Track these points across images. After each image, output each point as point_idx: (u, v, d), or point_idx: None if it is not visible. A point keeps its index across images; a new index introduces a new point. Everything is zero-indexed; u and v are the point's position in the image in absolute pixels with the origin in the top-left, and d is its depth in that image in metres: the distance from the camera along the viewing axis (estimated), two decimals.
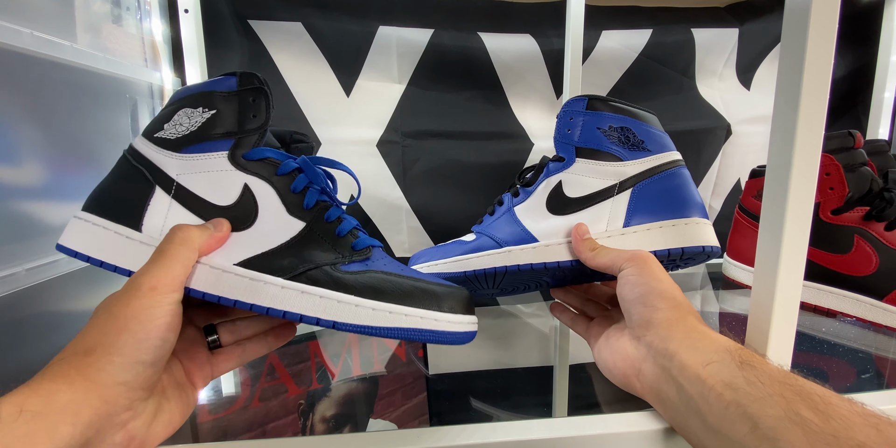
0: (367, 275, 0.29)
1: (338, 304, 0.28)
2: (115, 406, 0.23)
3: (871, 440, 0.20)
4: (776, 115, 0.29)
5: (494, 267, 0.40)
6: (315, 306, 0.28)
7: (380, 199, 0.77)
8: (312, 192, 0.32)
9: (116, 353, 0.23)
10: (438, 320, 0.28)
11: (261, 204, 0.31)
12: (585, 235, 0.38)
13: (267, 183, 0.31)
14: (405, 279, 0.30)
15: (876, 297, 0.49)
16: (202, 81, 0.34)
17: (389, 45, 0.74)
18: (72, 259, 0.31)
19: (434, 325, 0.28)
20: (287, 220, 0.31)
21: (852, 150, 0.51)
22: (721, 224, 0.86)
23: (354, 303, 0.28)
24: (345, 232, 0.31)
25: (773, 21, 0.82)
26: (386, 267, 0.31)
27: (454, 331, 0.28)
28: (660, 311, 0.30)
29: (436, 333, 0.28)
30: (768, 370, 0.25)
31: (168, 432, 0.27)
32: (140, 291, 0.25)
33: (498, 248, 0.40)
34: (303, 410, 0.38)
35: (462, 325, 0.29)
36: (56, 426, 0.21)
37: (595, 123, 0.40)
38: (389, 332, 0.27)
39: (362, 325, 0.27)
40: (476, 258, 0.41)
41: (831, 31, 0.27)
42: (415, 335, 0.27)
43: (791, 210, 0.28)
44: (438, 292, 0.29)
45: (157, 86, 0.67)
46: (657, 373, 0.29)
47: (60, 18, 0.50)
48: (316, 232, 0.31)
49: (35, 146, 0.45)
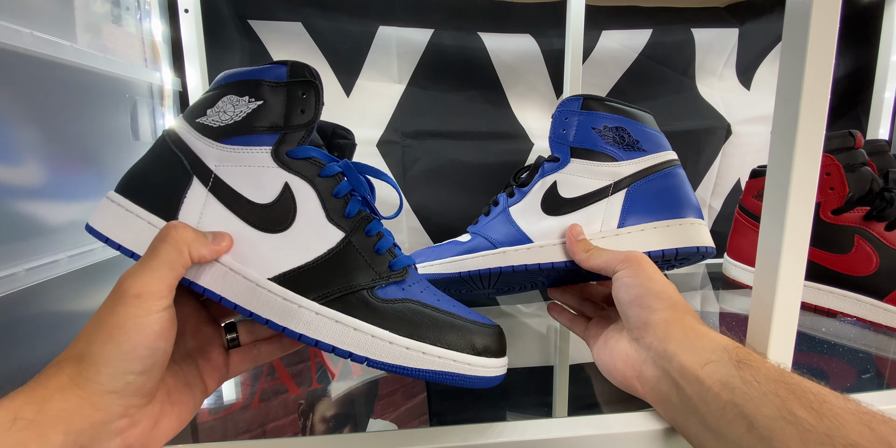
0: (402, 305, 0.29)
1: (371, 338, 0.27)
2: (108, 413, 0.23)
3: (863, 438, 0.21)
4: (777, 115, 0.29)
5: (489, 268, 0.40)
6: (348, 339, 0.27)
7: (380, 199, 0.76)
8: (355, 200, 0.30)
9: (103, 364, 0.23)
10: (472, 365, 0.28)
11: (300, 206, 0.29)
12: (580, 236, 0.37)
13: (309, 184, 0.30)
14: (441, 314, 0.29)
15: (876, 297, 0.49)
16: (250, 68, 0.31)
17: (389, 45, 0.74)
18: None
19: (466, 370, 0.27)
20: (326, 227, 0.29)
21: (853, 150, 0.51)
22: (721, 224, 0.86)
23: (389, 340, 0.27)
24: (384, 249, 0.30)
25: (773, 21, 0.82)
26: (422, 295, 0.30)
27: (484, 376, 0.28)
28: (656, 311, 0.30)
29: (466, 378, 0.27)
30: (764, 369, 0.25)
31: (170, 436, 0.26)
32: (125, 299, 0.24)
33: (493, 248, 0.40)
34: (303, 410, 0.38)
35: (493, 369, 0.29)
36: (48, 434, 0.21)
37: (590, 123, 0.40)
38: (421, 373, 0.27)
39: (395, 365, 0.27)
40: (471, 259, 0.41)
41: (832, 31, 0.27)
42: (446, 378, 0.27)
43: (791, 210, 0.28)
44: (473, 331, 0.29)
45: (157, 86, 0.67)
46: (658, 374, 0.29)
47: (60, 18, 0.50)
48: (354, 245, 0.29)
49: (35, 146, 0.45)
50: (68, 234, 0.48)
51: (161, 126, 0.67)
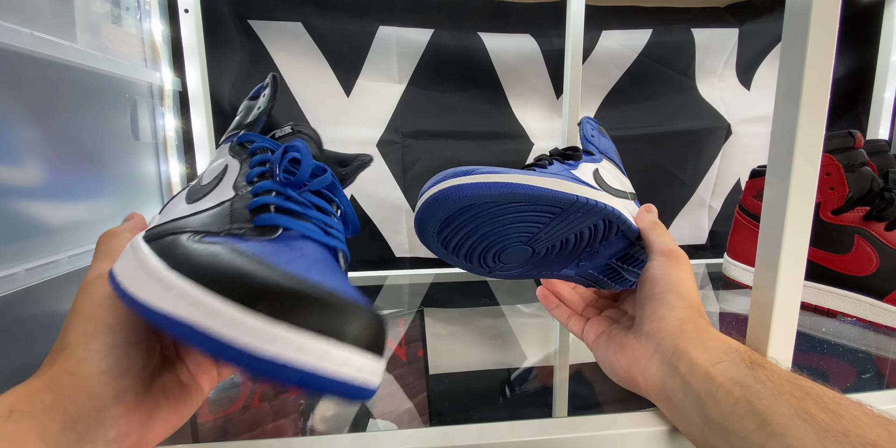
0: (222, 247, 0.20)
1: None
2: (103, 398, 0.23)
3: (882, 439, 0.20)
4: (777, 115, 0.29)
5: (596, 200, 0.34)
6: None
7: (380, 199, 0.77)
8: (260, 169, 0.30)
9: (91, 341, 0.23)
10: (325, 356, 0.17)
11: (225, 179, 0.31)
12: (652, 211, 0.38)
13: (238, 161, 0.32)
14: (282, 272, 0.19)
15: (876, 297, 0.49)
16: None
17: (389, 45, 0.74)
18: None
19: (317, 364, 0.17)
20: (227, 190, 0.29)
21: (852, 150, 0.51)
22: (721, 224, 0.86)
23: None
24: (256, 205, 0.26)
25: (773, 21, 0.82)
26: (269, 254, 0.21)
27: (348, 378, 0.18)
28: (674, 309, 0.30)
29: (317, 378, 0.17)
30: (778, 371, 0.25)
31: (167, 432, 0.27)
32: (90, 282, 0.25)
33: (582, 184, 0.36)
34: (303, 410, 0.38)
35: (361, 370, 0.18)
36: (46, 424, 0.21)
37: (609, 144, 0.44)
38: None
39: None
40: (578, 186, 0.34)
41: (832, 31, 0.27)
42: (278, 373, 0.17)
43: (791, 210, 0.28)
44: (338, 305, 0.18)
45: (157, 86, 0.67)
46: (664, 370, 0.29)
47: (60, 18, 0.50)
48: (234, 203, 0.27)
49: (35, 146, 0.45)
50: (68, 234, 0.48)
51: (161, 126, 0.67)
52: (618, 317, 0.38)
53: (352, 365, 0.18)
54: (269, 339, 0.17)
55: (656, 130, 0.80)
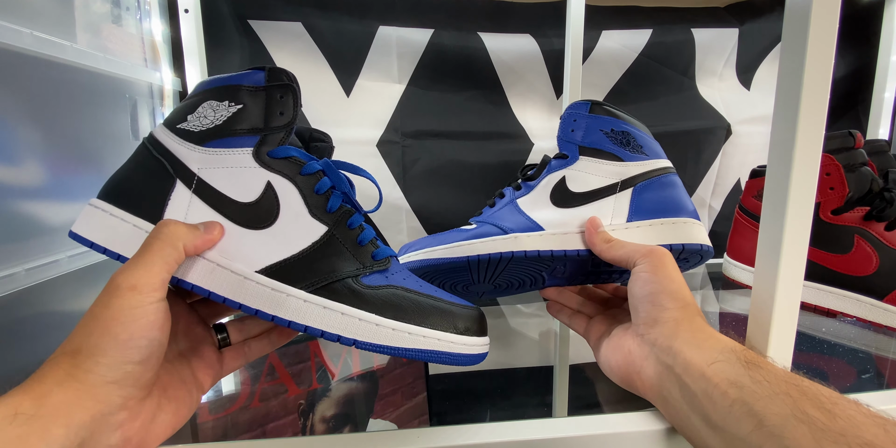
0: (387, 291, 0.29)
1: (359, 322, 0.28)
2: (108, 405, 0.23)
3: (878, 439, 0.20)
4: (776, 115, 0.29)
5: (500, 252, 0.39)
6: (336, 323, 0.28)
7: (370, 195, 0.77)
8: (336, 195, 0.32)
9: (101, 354, 0.23)
10: (455, 343, 0.29)
11: (283, 203, 0.31)
12: (599, 227, 0.38)
13: (290, 182, 0.31)
14: (424, 298, 0.30)
15: (876, 297, 0.49)
16: (228, 74, 0.33)
17: (389, 45, 0.74)
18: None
19: (450, 348, 0.28)
20: (309, 222, 0.30)
21: (852, 150, 0.51)
22: (721, 224, 0.86)
23: (375, 322, 0.28)
24: (366, 241, 0.31)
25: (773, 21, 0.82)
26: (405, 282, 0.31)
27: (468, 353, 0.29)
28: (668, 310, 0.30)
29: (450, 356, 0.28)
30: (774, 371, 0.25)
31: (168, 433, 0.27)
32: (119, 291, 0.24)
33: (503, 234, 0.40)
34: (303, 410, 0.38)
35: (475, 347, 0.30)
36: (49, 428, 0.21)
37: (598, 126, 0.42)
38: (407, 352, 0.28)
39: (382, 345, 0.28)
40: (480, 243, 0.40)
41: (832, 32, 0.27)
42: (431, 357, 0.28)
43: (791, 210, 0.28)
44: (455, 313, 0.29)
45: (157, 86, 0.67)
46: (660, 370, 0.29)
47: (60, 18, 0.50)
48: (338, 238, 0.31)
49: (35, 146, 0.45)
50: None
51: None
52: (619, 315, 0.38)
53: (466, 343, 0.29)
54: (432, 341, 0.28)
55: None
